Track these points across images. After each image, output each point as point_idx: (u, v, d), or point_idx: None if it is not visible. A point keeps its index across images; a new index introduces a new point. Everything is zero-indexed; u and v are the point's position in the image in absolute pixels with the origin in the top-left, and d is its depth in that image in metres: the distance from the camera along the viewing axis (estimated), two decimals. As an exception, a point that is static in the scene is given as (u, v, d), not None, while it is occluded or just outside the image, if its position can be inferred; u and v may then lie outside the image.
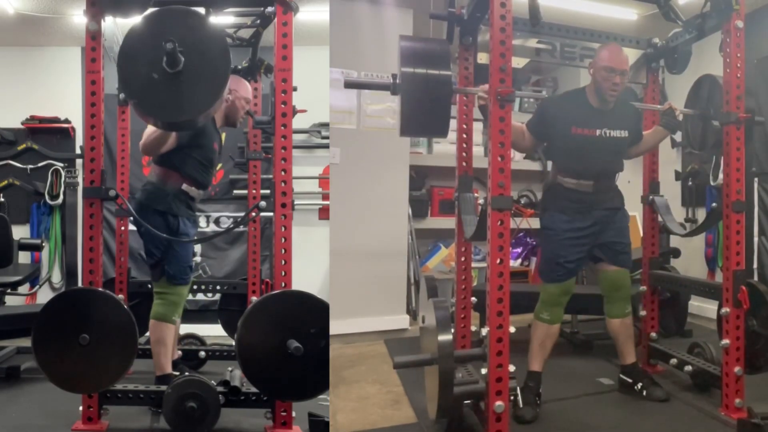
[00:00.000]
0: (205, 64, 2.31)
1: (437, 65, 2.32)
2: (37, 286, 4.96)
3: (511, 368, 2.29)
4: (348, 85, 2.53)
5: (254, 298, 3.38)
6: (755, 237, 4.24)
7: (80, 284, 3.31)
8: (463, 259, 3.03)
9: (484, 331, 2.34)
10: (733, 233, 2.75)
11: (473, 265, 3.13)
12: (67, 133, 5.05)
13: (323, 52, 3.86)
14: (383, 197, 4.21)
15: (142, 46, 2.31)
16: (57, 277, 5.06)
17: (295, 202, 2.84)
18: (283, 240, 2.60)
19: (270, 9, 2.63)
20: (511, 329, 2.29)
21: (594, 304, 3.10)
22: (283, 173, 2.58)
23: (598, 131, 2.82)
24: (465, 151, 3.01)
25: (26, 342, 2.81)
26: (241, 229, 4.56)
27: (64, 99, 5.02)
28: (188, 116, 2.39)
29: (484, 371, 2.31)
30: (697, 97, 3.12)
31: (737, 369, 2.71)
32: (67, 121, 5.04)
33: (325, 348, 2.40)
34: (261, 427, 2.68)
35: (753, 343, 2.77)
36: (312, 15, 4.25)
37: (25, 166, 5.00)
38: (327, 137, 4.91)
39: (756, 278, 4.09)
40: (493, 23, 2.26)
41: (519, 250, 5.45)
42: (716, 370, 2.87)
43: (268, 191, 2.63)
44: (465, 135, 3.00)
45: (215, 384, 2.59)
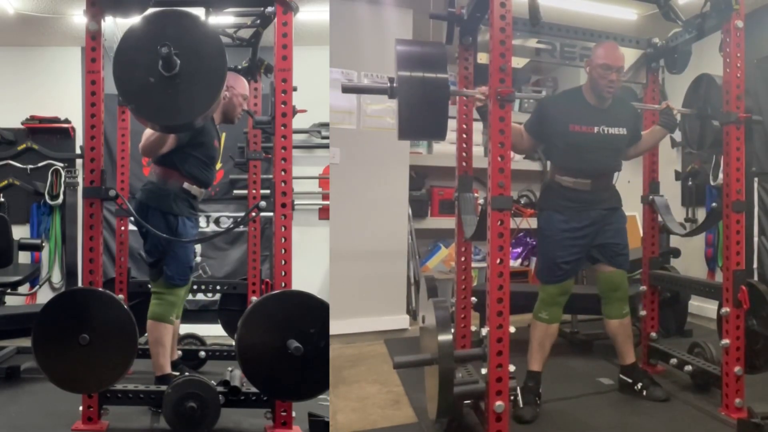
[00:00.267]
0: (201, 65, 2.31)
1: (434, 68, 2.32)
2: (37, 286, 4.97)
3: (511, 368, 2.29)
4: (346, 90, 2.53)
5: (254, 298, 3.38)
6: (755, 237, 4.23)
7: (80, 284, 3.31)
8: (463, 259, 3.04)
9: (484, 331, 2.34)
10: (733, 233, 2.75)
11: (473, 265, 3.13)
12: (67, 133, 5.05)
13: (323, 52, 3.86)
14: (383, 197, 4.21)
15: (137, 51, 2.31)
16: (57, 277, 5.06)
17: (295, 202, 2.83)
18: (283, 240, 2.60)
19: (270, 9, 2.63)
20: (511, 329, 2.29)
21: (594, 304, 3.10)
22: (283, 173, 2.59)
23: (595, 128, 2.82)
24: (465, 151, 3.01)
25: (26, 342, 2.81)
26: (241, 229, 4.56)
27: (64, 99, 5.03)
28: (187, 119, 2.40)
29: (484, 371, 2.31)
30: (695, 96, 3.13)
31: (737, 369, 2.71)
32: (67, 121, 5.04)
33: (325, 348, 2.40)
34: (261, 427, 2.68)
35: (753, 342, 2.77)
36: (312, 15, 4.25)
37: (25, 166, 5.01)
38: (327, 137, 4.91)
39: (756, 278, 4.09)
40: (493, 23, 2.26)
41: (519, 250, 5.45)
42: (716, 369, 2.88)
43: (268, 191, 2.63)
44: (465, 135, 3.01)
45: (215, 384, 2.59)
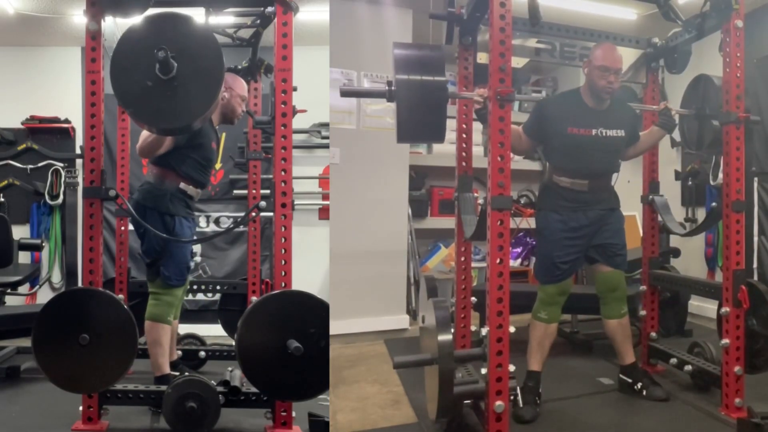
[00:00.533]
0: (198, 67, 2.31)
1: (432, 71, 2.32)
2: (37, 286, 4.97)
3: (511, 368, 2.29)
4: (344, 94, 2.52)
5: (254, 298, 3.37)
6: (755, 237, 4.23)
7: (80, 284, 3.31)
8: (462, 259, 3.04)
9: (484, 331, 2.34)
10: (733, 233, 2.75)
11: (473, 265, 3.13)
12: (67, 133, 5.05)
13: (323, 52, 3.86)
14: (383, 197, 4.21)
15: (133, 55, 2.31)
16: (57, 277, 5.06)
17: (295, 202, 2.84)
18: (283, 240, 2.60)
19: (270, 9, 2.63)
20: (511, 329, 2.29)
21: (593, 304, 3.10)
22: (283, 173, 2.59)
23: (593, 131, 2.83)
24: (465, 151, 3.01)
25: (26, 342, 2.81)
26: (241, 229, 4.56)
27: (64, 99, 5.03)
28: (185, 122, 2.40)
29: (484, 371, 2.31)
30: (693, 96, 3.13)
31: (737, 368, 2.71)
32: (67, 121, 5.04)
33: (325, 348, 2.40)
34: (261, 427, 2.68)
35: (753, 342, 2.77)
36: (312, 15, 4.25)
37: (25, 166, 5.01)
38: (327, 137, 4.91)
39: (756, 278, 4.09)
40: (493, 23, 2.26)
41: (519, 250, 5.45)
42: (716, 369, 2.88)
43: (268, 191, 2.63)
44: (465, 135, 3.01)
45: (215, 384, 2.59)
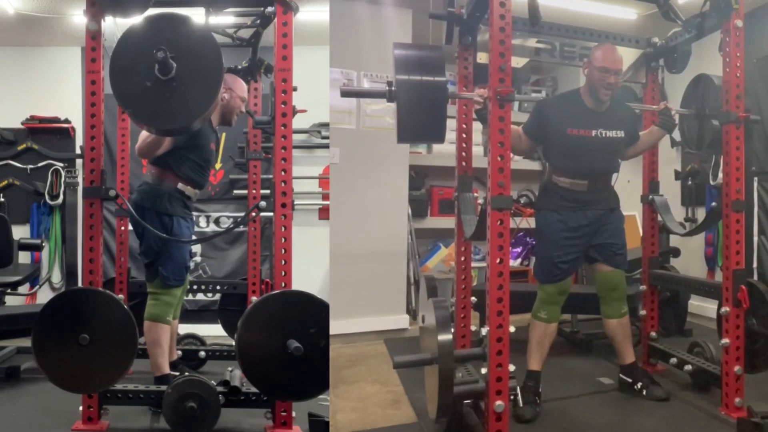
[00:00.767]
0: (197, 68, 2.31)
1: (432, 72, 2.32)
2: (37, 286, 4.97)
3: (511, 368, 2.29)
4: (344, 94, 2.52)
5: (254, 298, 3.38)
6: (755, 236, 4.23)
7: (80, 284, 3.31)
8: (462, 258, 3.04)
9: (484, 331, 2.34)
10: (733, 233, 2.75)
11: (473, 264, 3.13)
12: (67, 133, 5.05)
13: (323, 52, 3.86)
14: (383, 197, 4.21)
15: (132, 55, 2.31)
16: (57, 277, 5.06)
17: (295, 202, 2.83)
18: (283, 240, 2.60)
19: (270, 9, 2.63)
20: (511, 329, 2.29)
21: (593, 304, 3.10)
22: (283, 173, 2.59)
23: (593, 132, 2.83)
24: (465, 151, 3.01)
25: (26, 342, 2.80)
26: (241, 229, 4.56)
27: (64, 99, 5.03)
28: (184, 122, 2.40)
29: (484, 371, 2.31)
30: (693, 96, 3.13)
31: (737, 368, 2.71)
32: (67, 121, 5.04)
33: (325, 348, 2.40)
34: (261, 427, 2.68)
35: (753, 342, 2.78)
36: (312, 15, 4.25)
37: (25, 166, 5.01)
38: (327, 137, 4.91)
39: (756, 277, 4.09)
40: (493, 23, 2.26)
41: (519, 249, 5.45)
42: (716, 369, 2.88)
43: (268, 191, 2.63)
44: (465, 135, 3.01)
45: (215, 384, 2.59)
